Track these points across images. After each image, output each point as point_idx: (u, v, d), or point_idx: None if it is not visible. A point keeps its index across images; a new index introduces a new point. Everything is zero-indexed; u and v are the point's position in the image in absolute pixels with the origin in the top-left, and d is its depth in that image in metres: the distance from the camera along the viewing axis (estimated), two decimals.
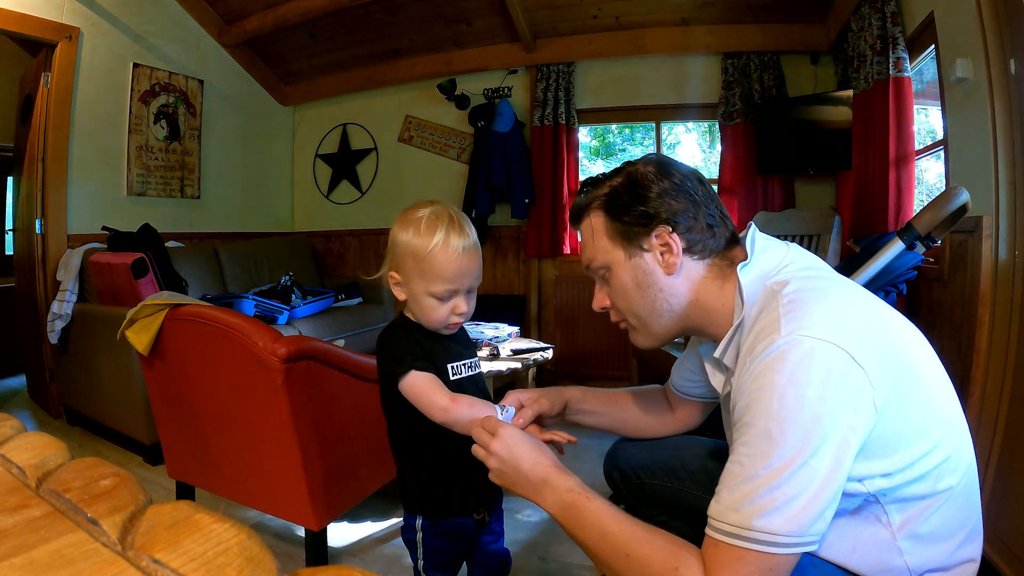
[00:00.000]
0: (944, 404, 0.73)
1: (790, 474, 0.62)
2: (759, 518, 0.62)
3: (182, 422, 1.64)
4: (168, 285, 2.52)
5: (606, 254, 0.85)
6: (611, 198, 0.84)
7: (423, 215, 0.93)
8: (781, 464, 0.62)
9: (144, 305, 1.55)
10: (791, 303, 0.69)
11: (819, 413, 0.62)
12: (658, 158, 0.86)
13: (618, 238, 0.84)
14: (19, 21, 2.58)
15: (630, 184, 0.83)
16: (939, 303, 1.87)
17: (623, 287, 0.85)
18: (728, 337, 0.79)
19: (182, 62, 3.45)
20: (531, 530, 1.75)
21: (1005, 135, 1.53)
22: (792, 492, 0.61)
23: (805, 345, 0.64)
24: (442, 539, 0.99)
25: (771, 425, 0.63)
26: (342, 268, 4.26)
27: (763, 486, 0.62)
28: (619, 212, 0.83)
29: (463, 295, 0.93)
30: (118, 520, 0.30)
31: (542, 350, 2.59)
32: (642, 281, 0.83)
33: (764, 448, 0.63)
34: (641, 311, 0.85)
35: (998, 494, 1.41)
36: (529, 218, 3.48)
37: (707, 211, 0.82)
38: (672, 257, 0.81)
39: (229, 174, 3.83)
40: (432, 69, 3.75)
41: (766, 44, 3.04)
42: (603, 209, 0.85)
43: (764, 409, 0.64)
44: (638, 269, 0.83)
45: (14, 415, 0.46)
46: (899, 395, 0.66)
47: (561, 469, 0.79)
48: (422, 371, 0.90)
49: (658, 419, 1.10)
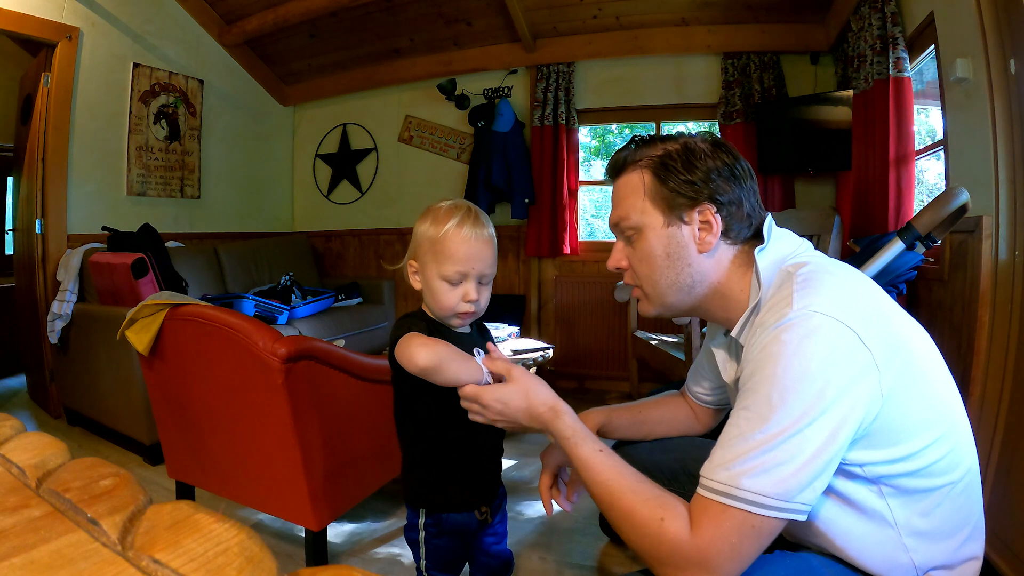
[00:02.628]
0: (947, 399, 0.73)
1: (784, 439, 0.63)
2: (748, 478, 0.63)
3: (182, 422, 1.64)
4: (168, 285, 2.52)
5: (643, 215, 0.82)
6: (663, 160, 0.81)
7: (443, 205, 0.95)
8: (777, 430, 0.63)
9: (144, 305, 1.55)
10: (805, 281, 0.70)
11: (822, 387, 0.63)
12: (715, 137, 0.85)
13: (660, 202, 0.81)
14: (19, 21, 2.58)
15: (686, 152, 0.81)
16: (939, 303, 1.87)
17: (650, 253, 0.83)
18: (745, 318, 0.79)
19: (182, 62, 3.45)
20: (531, 530, 1.75)
21: (1005, 135, 1.53)
22: (783, 457, 0.62)
23: (814, 320, 0.65)
24: (444, 538, 0.99)
25: (772, 392, 0.64)
26: (342, 268, 4.26)
27: (756, 448, 0.63)
28: (668, 176, 0.80)
29: (474, 281, 0.93)
30: (118, 520, 0.30)
31: (542, 350, 2.59)
32: (673, 252, 0.81)
33: (763, 413, 0.64)
34: (661, 281, 0.83)
35: (998, 494, 1.41)
36: (529, 218, 3.48)
37: (750, 202, 0.82)
38: (710, 236, 0.80)
39: (229, 174, 3.83)
40: (432, 69, 3.75)
41: (766, 44, 3.04)
42: (652, 169, 0.82)
43: (768, 377, 0.65)
44: (672, 239, 0.81)
45: (14, 415, 0.46)
46: (903, 384, 0.66)
47: (557, 411, 0.82)
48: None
49: (685, 428, 1.11)
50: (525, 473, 2.19)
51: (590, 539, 1.69)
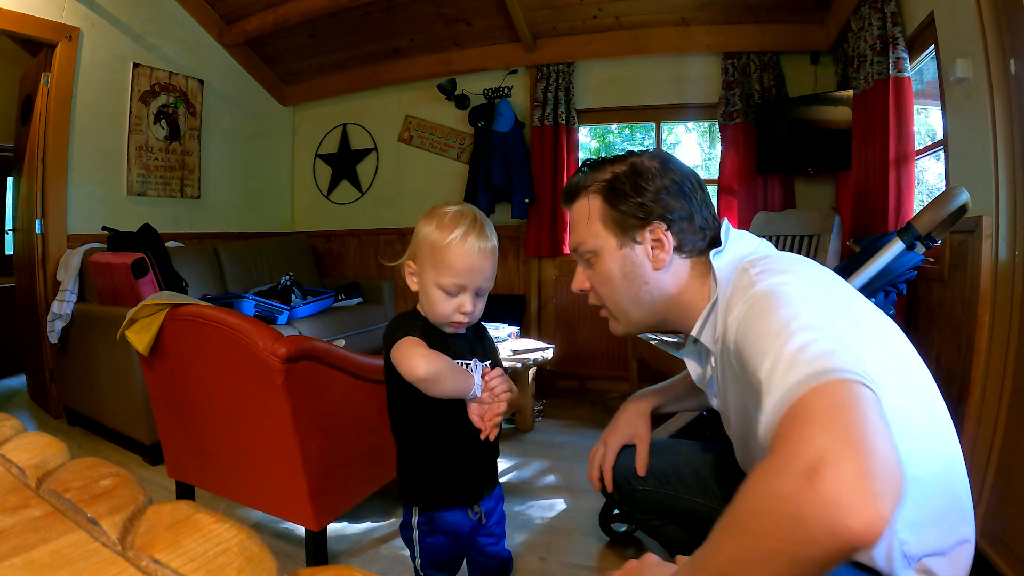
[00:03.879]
0: (922, 378, 0.72)
1: (812, 332, 0.56)
2: (808, 361, 0.52)
3: (182, 422, 1.64)
4: (168, 285, 2.52)
5: (597, 239, 0.85)
6: (612, 184, 0.84)
7: (449, 211, 0.94)
8: (799, 331, 0.56)
9: (144, 305, 1.55)
10: (763, 272, 0.70)
11: (815, 305, 0.61)
12: (662, 154, 0.86)
13: (612, 225, 0.84)
14: (19, 21, 2.58)
15: (633, 174, 0.83)
16: (939, 303, 1.87)
17: (608, 274, 0.86)
18: (704, 315, 0.80)
19: (182, 62, 3.45)
20: (531, 530, 1.75)
21: (1005, 135, 1.53)
22: (822, 336, 0.55)
23: (781, 286, 0.65)
24: (438, 537, 0.99)
25: (772, 328, 0.59)
26: (342, 268, 4.26)
27: (794, 347, 0.54)
28: (617, 200, 0.83)
29: (470, 294, 0.93)
30: (118, 520, 0.30)
31: (542, 350, 2.59)
32: (629, 272, 0.84)
33: (778, 344, 0.56)
34: (622, 300, 0.86)
35: (998, 494, 1.41)
36: (529, 218, 3.48)
37: (702, 215, 0.83)
38: (663, 253, 0.82)
39: (229, 174, 3.83)
40: (432, 69, 3.75)
41: (766, 44, 3.04)
42: (601, 194, 0.85)
43: (762, 329, 0.61)
44: (627, 259, 0.84)
45: (14, 415, 0.46)
46: (879, 361, 0.64)
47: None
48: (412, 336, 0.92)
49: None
50: (525, 473, 2.19)
51: (590, 539, 1.69)
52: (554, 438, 2.55)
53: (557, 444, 2.47)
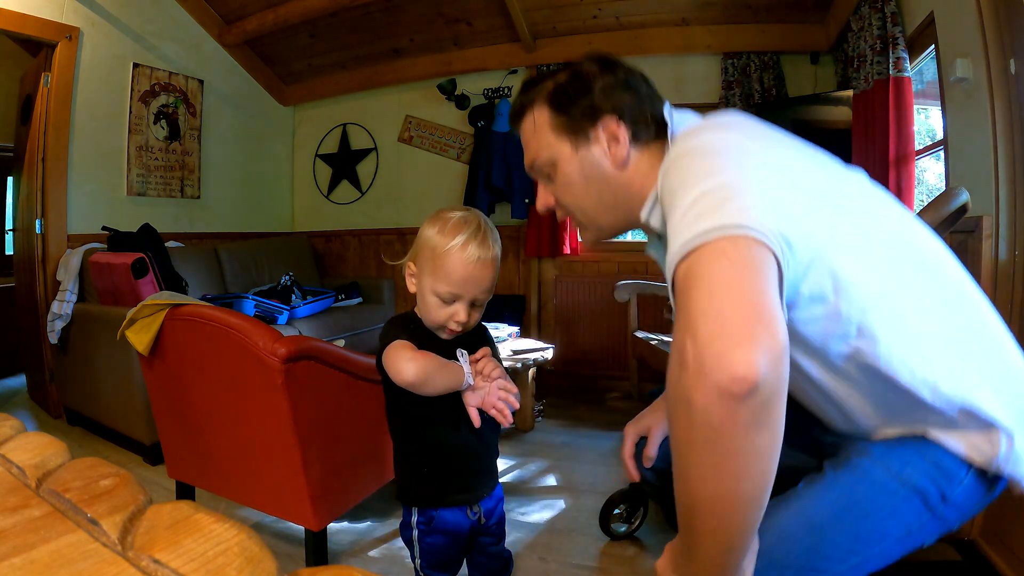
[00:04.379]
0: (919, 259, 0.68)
1: (726, 185, 0.56)
2: (699, 222, 0.54)
3: (182, 422, 1.64)
4: (168, 285, 2.52)
5: (551, 148, 0.83)
6: (556, 92, 0.83)
7: (453, 216, 0.93)
8: (710, 182, 0.57)
9: (144, 305, 1.55)
10: (701, 128, 0.68)
11: (740, 159, 0.60)
12: (601, 55, 0.85)
13: (564, 131, 0.82)
14: (19, 21, 2.58)
15: (575, 78, 0.82)
16: None
17: (569, 181, 0.83)
18: (652, 198, 0.76)
19: (182, 62, 3.45)
20: (531, 530, 1.76)
21: (1005, 135, 1.53)
22: (735, 191, 0.55)
23: (710, 141, 0.63)
24: (437, 537, 0.99)
25: (689, 178, 0.59)
26: (342, 268, 4.26)
27: (696, 201, 0.56)
28: (564, 105, 0.81)
29: (466, 304, 0.92)
30: (118, 520, 0.30)
31: (542, 350, 2.59)
32: (589, 174, 0.82)
33: (686, 196, 0.57)
34: (588, 205, 0.84)
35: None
36: (529, 218, 3.48)
37: (651, 105, 0.81)
38: (619, 148, 0.80)
39: (229, 174, 3.83)
40: (432, 69, 3.74)
41: (766, 44, 3.04)
42: (547, 103, 0.83)
43: (676, 182, 0.60)
44: (585, 161, 0.82)
45: (14, 415, 0.46)
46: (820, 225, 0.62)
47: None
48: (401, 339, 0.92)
49: None
50: (525, 473, 2.19)
51: (590, 539, 1.69)
52: (554, 438, 2.56)
53: (557, 444, 2.47)
